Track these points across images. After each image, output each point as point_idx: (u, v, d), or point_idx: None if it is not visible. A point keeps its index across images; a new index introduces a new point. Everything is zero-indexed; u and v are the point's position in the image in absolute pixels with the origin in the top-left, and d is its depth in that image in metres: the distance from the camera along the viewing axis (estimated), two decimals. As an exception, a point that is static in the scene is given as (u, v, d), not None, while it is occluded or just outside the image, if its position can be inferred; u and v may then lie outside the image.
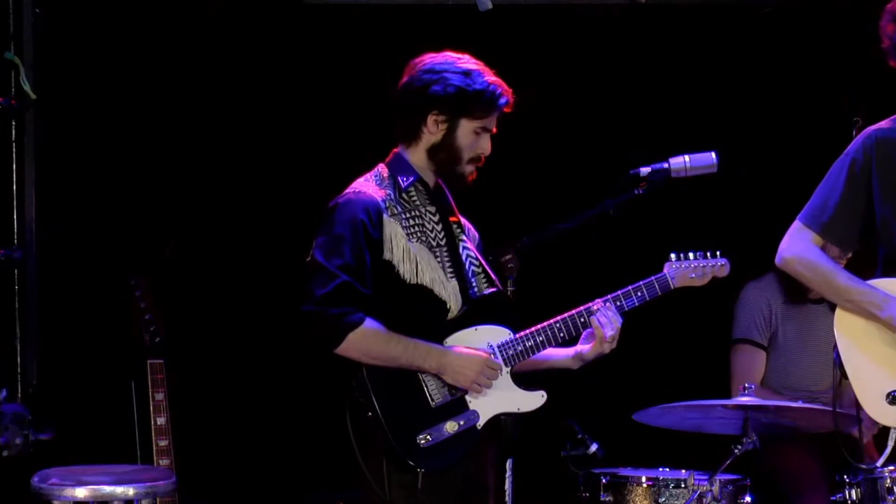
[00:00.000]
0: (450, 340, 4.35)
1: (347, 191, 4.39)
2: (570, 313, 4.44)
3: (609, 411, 5.73)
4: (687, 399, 5.20)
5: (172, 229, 6.03)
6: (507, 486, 4.43)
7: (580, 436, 5.03)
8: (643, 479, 5.27)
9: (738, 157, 5.15)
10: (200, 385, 5.97)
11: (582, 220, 4.47)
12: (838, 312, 4.56)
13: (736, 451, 5.00)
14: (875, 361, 4.49)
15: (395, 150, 4.49)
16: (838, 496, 5.34)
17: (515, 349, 4.38)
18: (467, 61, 4.43)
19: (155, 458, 5.39)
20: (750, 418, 5.03)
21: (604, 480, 5.27)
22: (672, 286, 4.55)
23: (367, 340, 4.21)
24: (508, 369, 4.37)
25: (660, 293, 4.52)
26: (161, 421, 5.39)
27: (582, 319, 4.44)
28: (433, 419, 4.27)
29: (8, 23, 5.53)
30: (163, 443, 5.39)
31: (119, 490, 4.59)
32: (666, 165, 4.52)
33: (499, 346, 4.37)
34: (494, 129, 4.46)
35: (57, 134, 5.80)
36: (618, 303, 4.45)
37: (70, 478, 4.64)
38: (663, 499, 5.20)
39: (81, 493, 4.57)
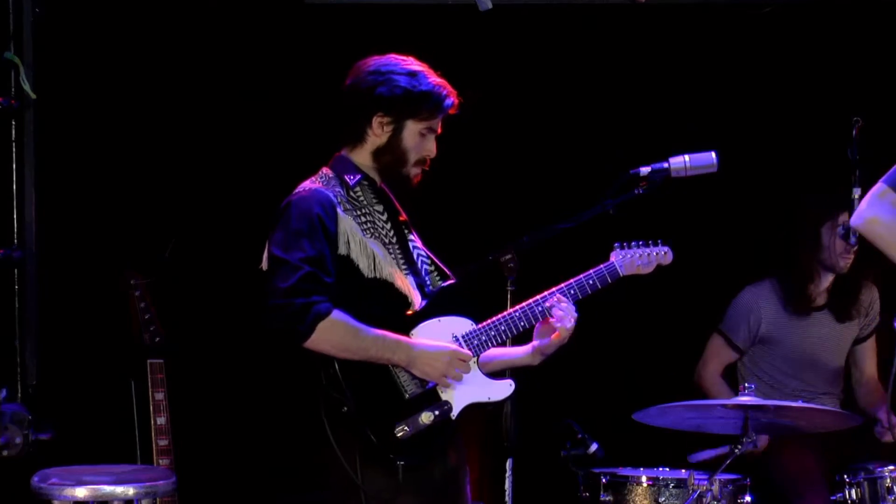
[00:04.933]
0: (415, 332, 4.32)
1: (298, 190, 4.36)
2: (527, 303, 4.41)
3: (609, 411, 5.73)
4: (687, 399, 5.20)
5: (172, 230, 6.02)
6: (507, 485, 4.43)
7: (580, 436, 5.03)
8: (643, 479, 5.27)
9: (738, 157, 5.14)
10: (200, 385, 5.97)
11: (582, 220, 4.46)
12: None
13: (736, 451, 5.00)
14: None
15: (338, 153, 4.46)
16: (838, 496, 5.36)
17: (480, 339, 4.36)
18: (412, 63, 4.40)
19: (155, 458, 5.39)
20: (750, 418, 5.02)
21: (604, 480, 5.28)
22: (620, 274, 4.53)
23: (337, 331, 4.16)
24: (475, 358, 4.35)
25: (609, 281, 4.50)
26: (161, 421, 5.40)
27: (540, 308, 4.41)
28: (408, 410, 4.23)
29: (8, 23, 5.52)
30: (163, 443, 5.40)
31: (119, 490, 4.59)
32: (666, 165, 4.52)
33: (463, 337, 4.35)
34: (439, 130, 4.43)
35: (57, 134, 5.80)
36: (571, 291, 4.45)
37: (70, 478, 4.64)
38: (663, 499, 5.21)
39: (81, 492, 4.58)
